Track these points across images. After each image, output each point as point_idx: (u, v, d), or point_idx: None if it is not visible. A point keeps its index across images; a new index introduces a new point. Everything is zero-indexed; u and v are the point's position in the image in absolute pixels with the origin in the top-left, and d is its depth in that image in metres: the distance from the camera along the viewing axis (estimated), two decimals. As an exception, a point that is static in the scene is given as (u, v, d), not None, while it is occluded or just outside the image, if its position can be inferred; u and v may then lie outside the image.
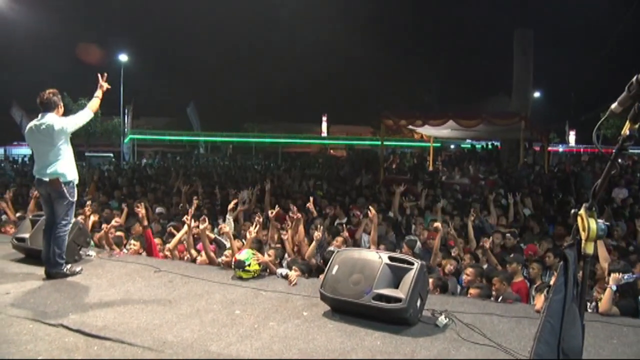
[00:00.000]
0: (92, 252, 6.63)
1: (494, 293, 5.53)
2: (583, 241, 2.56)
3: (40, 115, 5.52)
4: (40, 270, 5.69)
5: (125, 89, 42.45)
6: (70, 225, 5.65)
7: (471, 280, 5.77)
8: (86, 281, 5.54)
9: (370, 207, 7.34)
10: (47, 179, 5.40)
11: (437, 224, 7.05)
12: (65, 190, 5.43)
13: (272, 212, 7.30)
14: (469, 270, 5.95)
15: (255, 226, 6.67)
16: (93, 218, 7.62)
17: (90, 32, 56.57)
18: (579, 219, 2.59)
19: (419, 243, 7.73)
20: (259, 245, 6.61)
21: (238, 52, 58.77)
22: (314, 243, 6.46)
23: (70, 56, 48.71)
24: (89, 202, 7.61)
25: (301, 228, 6.98)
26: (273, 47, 59.61)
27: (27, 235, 6.33)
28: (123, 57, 42.86)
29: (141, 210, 6.77)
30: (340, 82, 56.82)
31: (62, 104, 5.73)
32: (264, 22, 57.40)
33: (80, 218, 6.93)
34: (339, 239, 7.07)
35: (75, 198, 5.58)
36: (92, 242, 7.01)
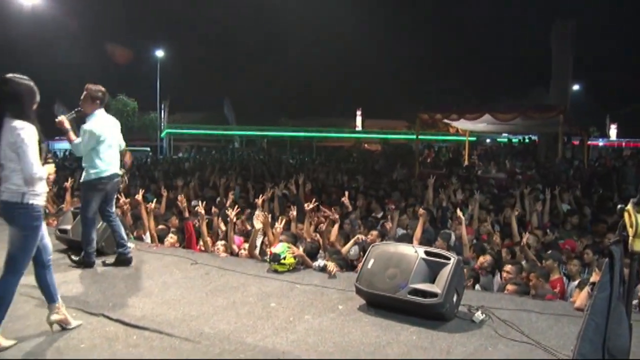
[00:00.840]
0: (131, 244, 6.73)
1: (532, 290, 5.42)
2: (630, 238, 2.48)
3: (105, 113, 5.74)
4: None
5: (161, 84, 43.18)
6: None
7: (511, 277, 5.66)
8: (125, 272, 5.66)
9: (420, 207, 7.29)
10: (120, 173, 5.83)
11: (460, 214, 6.97)
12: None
13: (307, 205, 7.29)
14: (509, 267, 5.83)
15: (284, 221, 6.72)
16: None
17: (128, 28, 57.41)
18: (625, 214, 2.51)
19: (453, 237, 7.63)
20: (294, 240, 6.62)
21: (273, 46, 59.06)
22: (351, 242, 6.45)
23: (108, 50, 49.73)
24: (141, 192, 7.76)
25: (335, 228, 6.95)
26: (308, 41, 59.65)
27: (69, 227, 6.49)
28: (159, 53, 43.54)
29: (182, 203, 6.83)
30: (375, 76, 56.54)
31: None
32: (299, 15, 57.40)
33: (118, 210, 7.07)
34: (374, 232, 7.02)
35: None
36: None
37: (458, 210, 7.52)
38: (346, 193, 8.74)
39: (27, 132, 3.62)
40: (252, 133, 48.48)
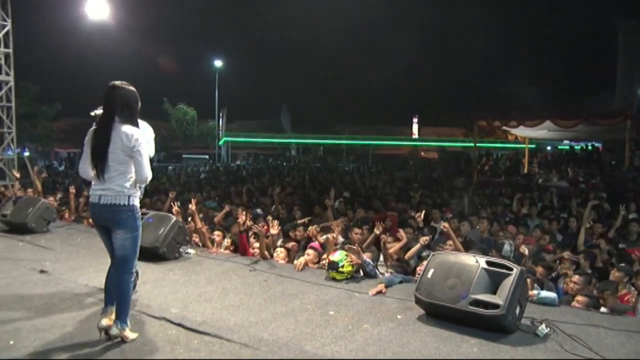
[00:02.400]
0: (191, 250, 6.89)
1: (603, 304, 5.19)
2: None
3: None
4: (145, 266, 6.00)
5: (220, 93, 44.10)
6: None
7: (579, 289, 5.45)
8: (186, 277, 5.78)
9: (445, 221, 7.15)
10: None
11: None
12: None
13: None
14: (576, 278, 5.61)
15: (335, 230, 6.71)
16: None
17: (188, 39, 59.03)
18: None
19: (507, 247, 7.44)
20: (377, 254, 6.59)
21: (329, 54, 59.21)
22: (417, 246, 6.38)
23: (169, 60, 51.27)
24: (194, 201, 7.92)
25: (398, 245, 6.87)
26: (364, 49, 59.63)
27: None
28: (218, 63, 44.55)
29: (242, 217, 6.90)
30: (432, 83, 55.86)
31: None
32: (355, 24, 57.43)
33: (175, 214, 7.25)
34: (450, 242, 6.88)
35: None
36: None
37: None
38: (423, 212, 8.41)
39: (142, 138, 3.83)
40: (308, 141, 48.78)
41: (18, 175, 10.86)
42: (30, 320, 4.33)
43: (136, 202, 3.92)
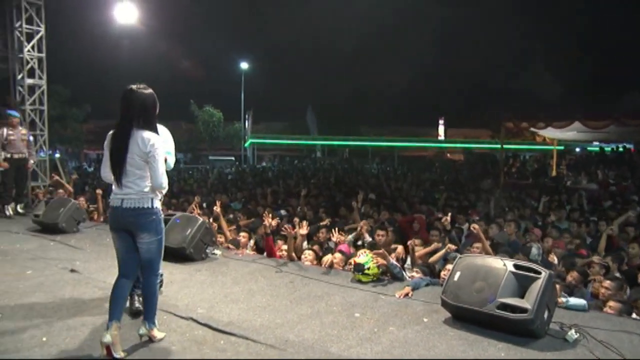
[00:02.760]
0: (217, 251, 6.95)
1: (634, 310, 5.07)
2: None
3: None
4: (172, 267, 6.10)
5: (246, 94, 44.44)
6: None
7: (611, 294, 5.33)
8: (212, 278, 5.83)
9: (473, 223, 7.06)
10: None
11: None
12: None
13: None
14: (608, 283, 5.49)
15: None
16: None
17: (213, 41, 59.53)
18: None
19: (534, 250, 7.33)
20: (375, 247, 6.57)
21: (355, 55, 59.16)
22: (442, 252, 6.33)
23: (196, 63, 51.82)
24: (218, 203, 8.00)
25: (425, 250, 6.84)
26: (389, 50, 59.45)
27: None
28: (244, 65, 44.90)
29: (267, 219, 6.92)
30: (458, 84, 55.42)
31: None
32: (380, 25, 57.29)
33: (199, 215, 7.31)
34: (478, 244, 6.82)
35: None
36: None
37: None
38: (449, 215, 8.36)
39: (159, 143, 3.77)
40: (334, 143, 48.78)
41: (57, 178, 11.24)
42: (62, 318, 4.42)
43: (158, 204, 3.89)
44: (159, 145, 3.77)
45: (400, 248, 6.92)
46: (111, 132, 3.87)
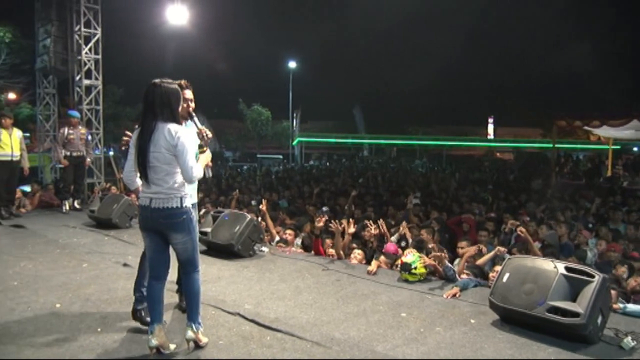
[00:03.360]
0: (264, 248, 7.03)
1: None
2: None
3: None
4: (220, 263, 6.22)
5: (293, 94, 44.75)
6: None
7: None
8: (259, 275, 5.90)
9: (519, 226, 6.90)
10: None
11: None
12: None
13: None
14: None
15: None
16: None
17: (262, 39, 60.13)
18: None
19: (589, 254, 7.11)
20: (421, 246, 6.52)
21: (404, 54, 58.76)
22: (490, 254, 6.24)
23: (245, 62, 52.53)
24: (264, 201, 8.10)
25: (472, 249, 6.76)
26: (439, 50, 58.73)
27: (209, 230, 6.91)
28: (292, 64, 45.22)
29: (320, 222, 6.84)
30: (509, 82, 54.28)
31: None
32: (429, 23, 56.73)
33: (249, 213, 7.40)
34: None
35: None
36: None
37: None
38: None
39: (185, 135, 3.67)
40: (381, 142, 48.61)
41: (119, 176, 11.69)
42: (115, 310, 4.58)
43: (188, 202, 3.74)
44: (186, 136, 3.66)
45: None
46: (137, 128, 3.79)
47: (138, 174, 3.77)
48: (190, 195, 3.87)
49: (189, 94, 4.30)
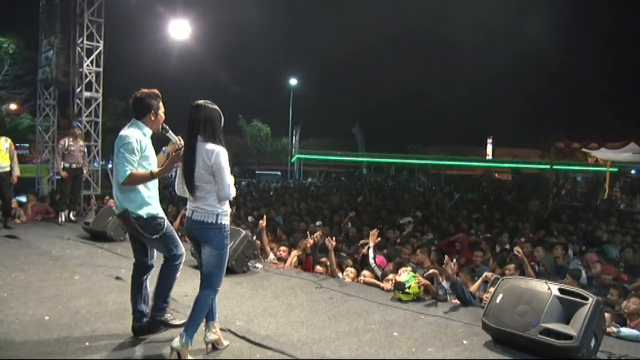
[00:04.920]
0: (258, 264, 7.00)
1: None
2: None
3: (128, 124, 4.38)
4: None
5: (294, 110, 44.92)
6: (182, 257, 4.38)
7: None
8: (252, 291, 5.86)
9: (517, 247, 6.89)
10: (116, 212, 4.32)
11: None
12: (139, 227, 4.16)
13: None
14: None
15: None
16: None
17: (263, 56, 60.58)
18: None
19: (584, 274, 7.09)
20: (415, 268, 6.52)
21: (404, 73, 59.14)
22: (480, 280, 6.23)
23: (245, 78, 52.77)
24: (265, 217, 8.07)
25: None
26: (438, 70, 59.19)
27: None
28: (293, 81, 45.45)
29: (310, 241, 6.96)
30: (508, 103, 54.61)
31: (160, 109, 4.38)
32: (426, 42, 57.21)
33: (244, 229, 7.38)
34: (511, 266, 6.69)
35: (164, 231, 4.22)
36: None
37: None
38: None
39: (223, 154, 3.82)
40: (380, 160, 48.67)
41: None
42: (106, 324, 4.53)
43: (225, 220, 3.90)
44: (224, 156, 3.82)
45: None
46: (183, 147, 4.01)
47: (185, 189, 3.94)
48: (228, 215, 3.97)
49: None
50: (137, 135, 4.17)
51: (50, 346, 3.99)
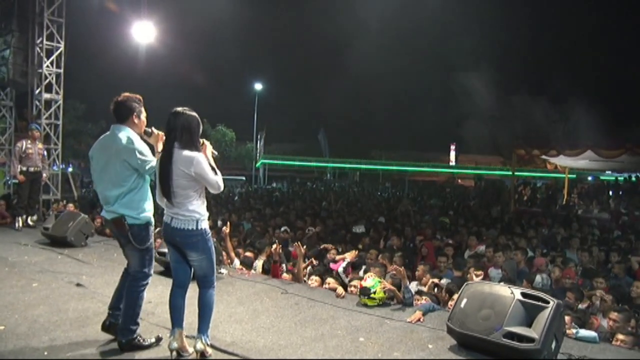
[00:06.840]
0: (223, 270, 6.92)
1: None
2: None
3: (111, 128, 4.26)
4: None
5: (259, 115, 44.77)
6: (150, 278, 4.30)
7: (619, 326, 5.24)
8: (217, 297, 5.72)
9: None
10: (109, 218, 4.20)
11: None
12: (131, 234, 4.12)
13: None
14: (615, 315, 5.41)
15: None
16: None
17: (227, 61, 60.26)
18: None
19: (539, 278, 7.25)
20: (383, 270, 6.56)
21: (368, 79, 59.55)
22: (430, 282, 6.34)
23: (210, 82, 52.36)
24: (228, 224, 8.01)
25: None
26: (402, 77, 59.73)
27: (165, 250, 6.76)
28: (258, 86, 45.34)
29: (277, 249, 6.97)
30: (469, 110, 55.54)
31: (142, 113, 4.30)
32: (394, 49, 57.72)
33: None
34: (478, 272, 6.79)
35: (148, 243, 4.22)
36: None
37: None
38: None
39: (203, 161, 3.82)
40: (345, 166, 48.90)
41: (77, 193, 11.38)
42: (65, 332, 4.40)
43: (204, 225, 3.92)
44: (203, 162, 3.82)
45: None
46: (160, 155, 3.96)
47: (164, 198, 3.90)
48: (206, 219, 3.98)
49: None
50: (130, 134, 4.16)
51: (5, 357, 3.85)
